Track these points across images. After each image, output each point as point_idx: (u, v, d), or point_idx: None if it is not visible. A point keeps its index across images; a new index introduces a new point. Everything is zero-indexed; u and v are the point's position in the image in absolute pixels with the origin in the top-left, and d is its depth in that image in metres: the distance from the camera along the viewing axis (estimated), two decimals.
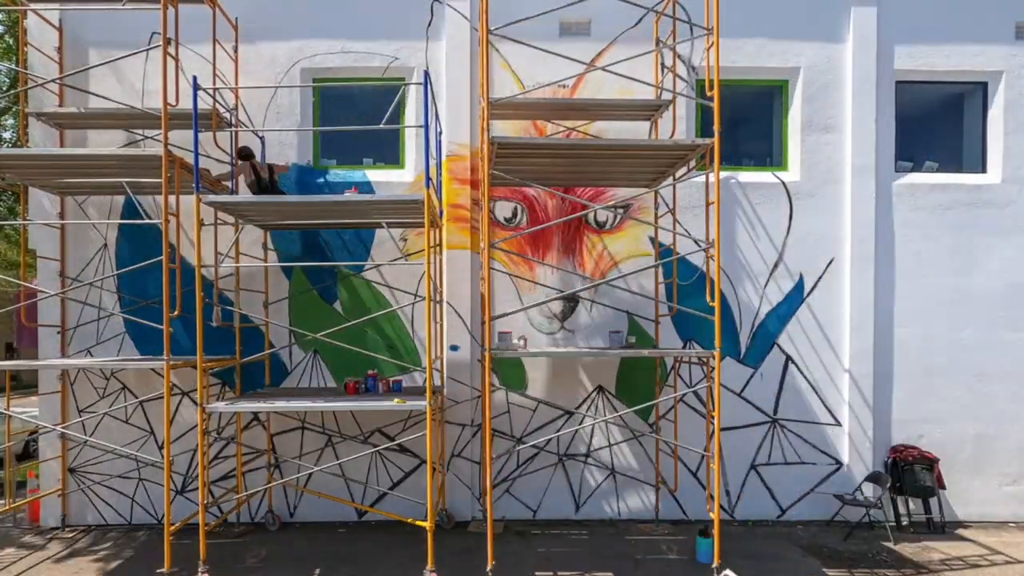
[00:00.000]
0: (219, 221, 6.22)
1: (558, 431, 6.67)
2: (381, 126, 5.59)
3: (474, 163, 6.69)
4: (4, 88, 13.73)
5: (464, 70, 6.68)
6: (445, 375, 6.66)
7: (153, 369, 6.50)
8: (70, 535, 6.39)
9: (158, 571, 5.35)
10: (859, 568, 5.53)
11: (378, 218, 6.03)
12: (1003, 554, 5.80)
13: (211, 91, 5.84)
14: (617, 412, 6.71)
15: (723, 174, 5.84)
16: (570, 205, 6.65)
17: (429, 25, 6.71)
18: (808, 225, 6.70)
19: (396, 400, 5.29)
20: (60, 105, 6.50)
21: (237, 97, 6.61)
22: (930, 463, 6.46)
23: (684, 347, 6.74)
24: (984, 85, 6.84)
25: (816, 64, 6.66)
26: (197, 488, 6.64)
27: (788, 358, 6.75)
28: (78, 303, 6.63)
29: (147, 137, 6.65)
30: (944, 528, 6.40)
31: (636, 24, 6.55)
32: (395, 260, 6.59)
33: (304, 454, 6.71)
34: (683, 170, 6.23)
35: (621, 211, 6.70)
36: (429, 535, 5.14)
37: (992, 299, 6.63)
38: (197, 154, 5.29)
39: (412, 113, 6.77)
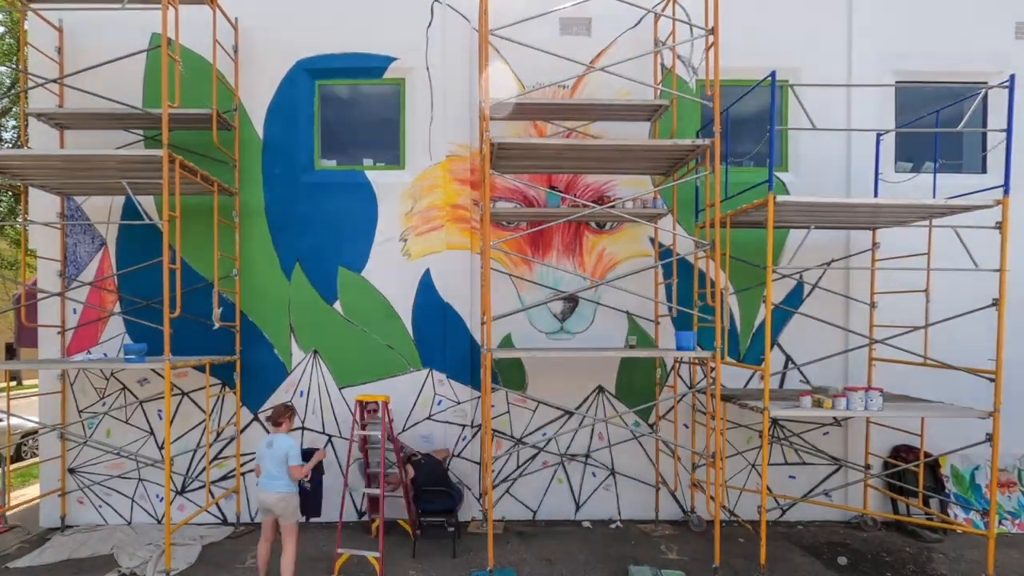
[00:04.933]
0: (222, 220, 6.26)
1: (558, 431, 6.68)
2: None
3: (474, 163, 6.70)
4: (5, 88, 13.75)
5: (464, 70, 6.68)
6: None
7: (153, 369, 6.52)
8: None
9: (158, 571, 5.36)
10: (860, 569, 5.53)
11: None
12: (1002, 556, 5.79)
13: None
14: (617, 412, 6.71)
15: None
16: (570, 205, 6.65)
17: (429, 25, 6.71)
18: None
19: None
20: (60, 105, 6.51)
21: (237, 98, 6.63)
22: (931, 465, 6.45)
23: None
24: (984, 85, 6.82)
25: (816, 64, 6.66)
26: (197, 488, 6.67)
27: (788, 358, 6.75)
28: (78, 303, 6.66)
29: (147, 137, 6.66)
30: (945, 530, 6.38)
31: (636, 24, 6.55)
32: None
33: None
34: (683, 170, 6.26)
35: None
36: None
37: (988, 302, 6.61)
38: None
39: (412, 113, 6.77)
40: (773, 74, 5.11)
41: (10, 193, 13.53)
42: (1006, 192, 5.13)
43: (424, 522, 6.03)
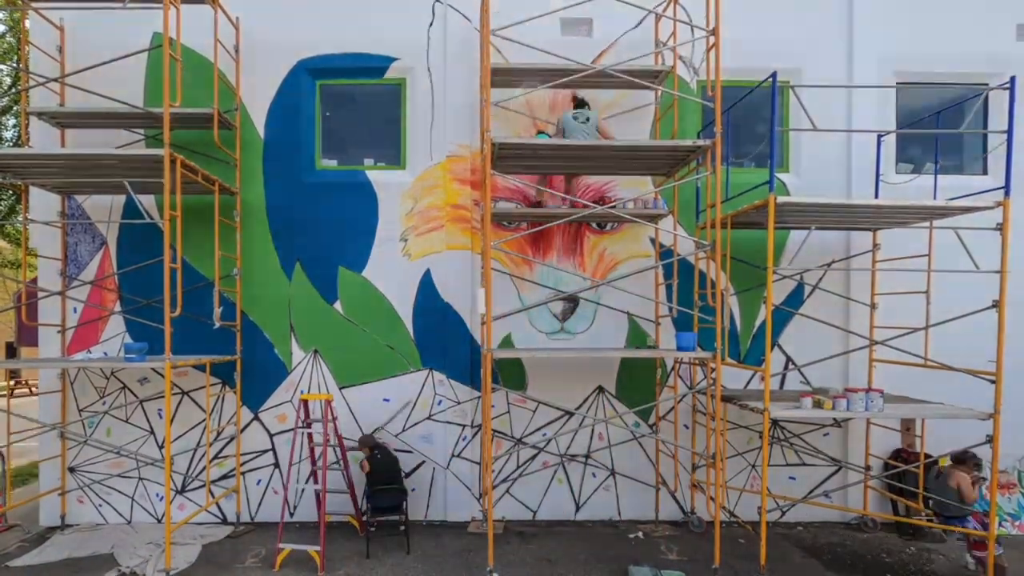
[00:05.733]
0: (223, 219, 6.26)
1: (558, 431, 6.68)
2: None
3: (474, 163, 6.70)
4: (6, 87, 13.75)
5: (465, 70, 6.68)
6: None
7: (154, 368, 6.52)
8: None
9: (158, 570, 5.36)
10: (860, 570, 5.53)
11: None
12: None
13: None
14: (617, 412, 6.71)
15: None
16: (571, 205, 6.66)
17: (430, 25, 6.72)
18: None
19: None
20: (61, 104, 6.51)
21: (239, 97, 6.63)
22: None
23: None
24: (985, 86, 6.83)
25: (816, 65, 6.65)
26: (197, 488, 6.67)
27: (788, 359, 6.74)
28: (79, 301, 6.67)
29: (148, 137, 6.66)
30: (944, 533, 6.36)
31: (637, 25, 6.55)
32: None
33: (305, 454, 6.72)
34: (683, 171, 6.26)
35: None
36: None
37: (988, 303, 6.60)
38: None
39: (413, 112, 6.78)
40: (774, 75, 5.11)
41: (11, 192, 13.53)
42: (1007, 194, 5.13)
43: (375, 521, 5.92)
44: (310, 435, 6.15)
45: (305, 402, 5.88)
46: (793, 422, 6.74)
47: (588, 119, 5.75)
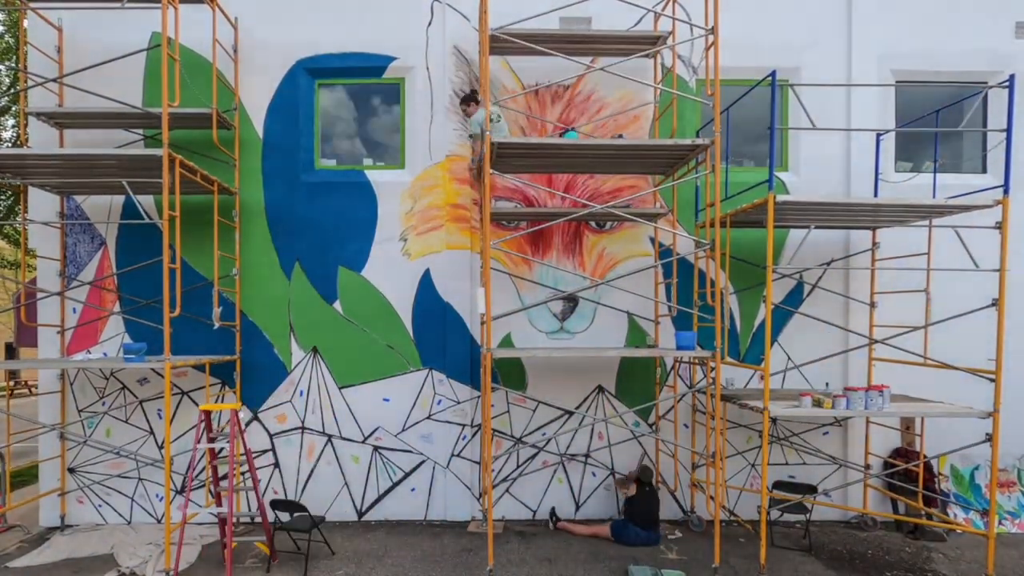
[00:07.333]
0: (222, 220, 6.25)
1: (558, 431, 6.68)
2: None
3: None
4: (4, 87, 13.73)
5: (464, 69, 6.67)
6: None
7: (153, 368, 6.52)
8: None
9: (158, 570, 5.36)
10: (860, 568, 5.53)
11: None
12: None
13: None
14: (617, 412, 6.71)
15: None
16: (570, 204, 6.66)
17: (429, 25, 6.71)
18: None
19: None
20: (60, 104, 6.50)
21: (237, 97, 6.63)
22: (931, 467, 6.44)
23: None
24: (984, 84, 6.82)
25: (816, 64, 6.65)
26: (197, 488, 6.66)
27: (788, 358, 6.74)
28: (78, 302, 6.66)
29: (147, 137, 6.65)
30: (945, 532, 6.37)
31: (636, 24, 6.54)
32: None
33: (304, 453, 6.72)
34: (683, 170, 6.26)
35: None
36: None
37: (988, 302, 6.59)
38: None
39: (412, 112, 6.77)
40: (773, 73, 5.10)
41: (10, 192, 13.52)
42: (1006, 192, 5.13)
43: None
44: (211, 450, 5.51)
45: (207, 413, 5.40)
46: (793, 421, 6.75)
47: (500, 116, 5.80)
